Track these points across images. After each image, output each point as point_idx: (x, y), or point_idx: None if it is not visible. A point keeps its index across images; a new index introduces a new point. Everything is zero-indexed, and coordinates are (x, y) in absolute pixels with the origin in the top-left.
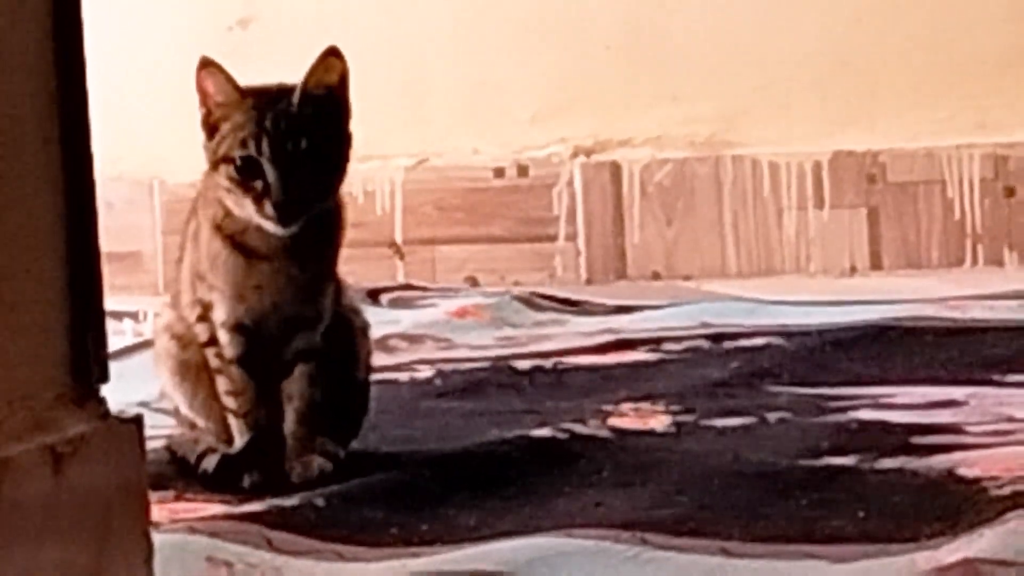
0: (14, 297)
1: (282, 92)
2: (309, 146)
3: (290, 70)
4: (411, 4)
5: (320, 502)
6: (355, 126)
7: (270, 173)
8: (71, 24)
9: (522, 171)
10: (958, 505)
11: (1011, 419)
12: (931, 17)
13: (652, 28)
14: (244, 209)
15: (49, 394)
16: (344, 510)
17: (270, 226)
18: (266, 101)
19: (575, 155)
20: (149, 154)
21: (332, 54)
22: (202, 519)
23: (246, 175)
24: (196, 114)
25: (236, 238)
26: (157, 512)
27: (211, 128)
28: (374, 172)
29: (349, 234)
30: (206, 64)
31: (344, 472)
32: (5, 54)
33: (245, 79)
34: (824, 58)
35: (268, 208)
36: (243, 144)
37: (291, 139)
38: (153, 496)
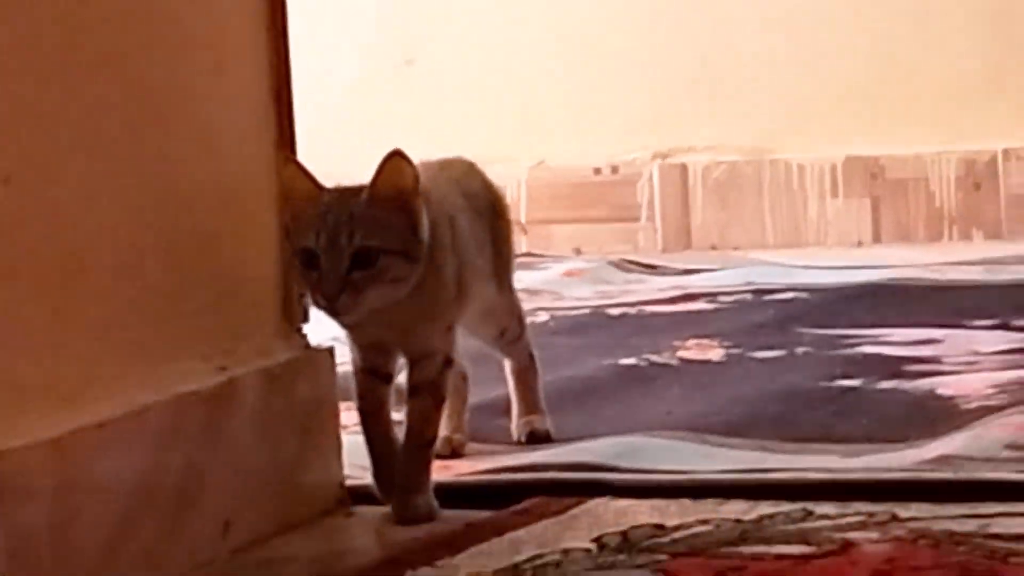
0: (241, 263)
1: (356, 191)
2: (363, 243)
3: (449, 103)
4: (537, 48)
5: (464, 414)
6: (505, 135)
7: (324, 265)
8: (286, 71)
9: (614, 170)
10: (936, 416)
11: (977, 353)
12: (919, 53)
13: (712, 63)
14: (308, 296)
15: (267, 330)
16: (482, 419)
17: (324, 315)
18: (338, 198)
19: (654, 158)
20: (338, 155)
21: (399, 155)
22: None
23: (307, 266)
24: (368, 131)
25: None
26: (345, 418)
27: (293, 219)
28: (506, 170)
29: None
30: (288, 161)
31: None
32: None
33: (410, 112)
34: (839, 86)
35: (320, 299)
36: (306, 236)
37: (347, 235)
38: (342, 406)
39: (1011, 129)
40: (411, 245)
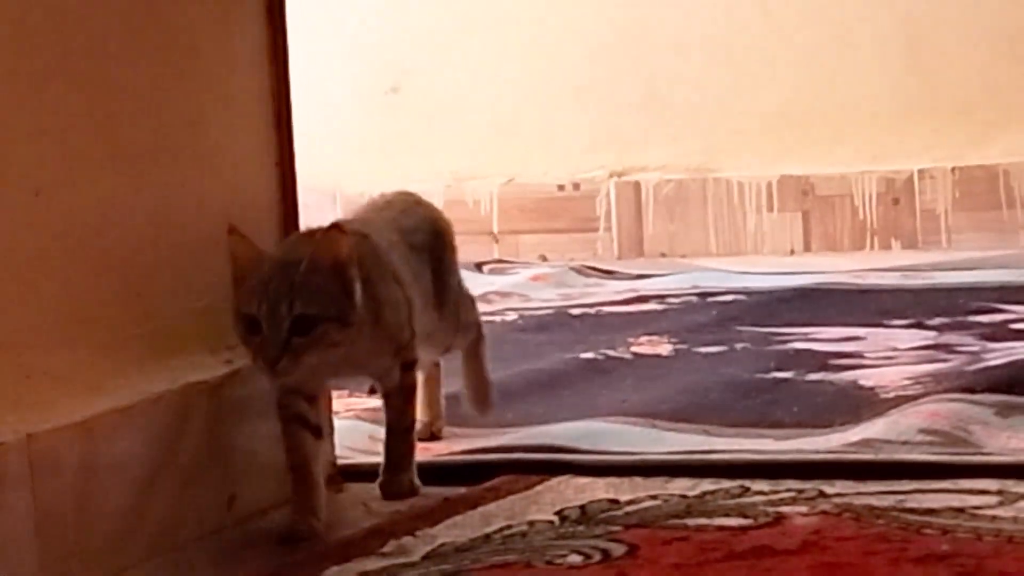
0: None
1: (295, 261)
2: (303, 311)
3: (430, 127)
4: (507, 80)
5: (442, 401)
6: (479, 155)
7: (265, 332)
8: (286, 100)
9: (576, 187)
10: (859, 404)
11: (895, 349)
12: (844, 83)
13: (661, 93)
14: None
15: None
16: (458, 406)
17: (265, 376)
18: (278, 267)
19: (610, 176)
20: (332, 173)
21: (336, 228)
22: (366, 410)
23: (249, 331)
24: (358, 152)
25: None
26: (336, 404)
27: (235, 283)
28: (479, 186)
29: (463, 225)
30: (232, 231)
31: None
32: (242, 113)
33: (396, 135)
34: (774, 113)
35: (259, 362)
36: (249, 303)
37: (287, 304)
38: (335, 394)
39: (925, 151)
40: (346, 311)
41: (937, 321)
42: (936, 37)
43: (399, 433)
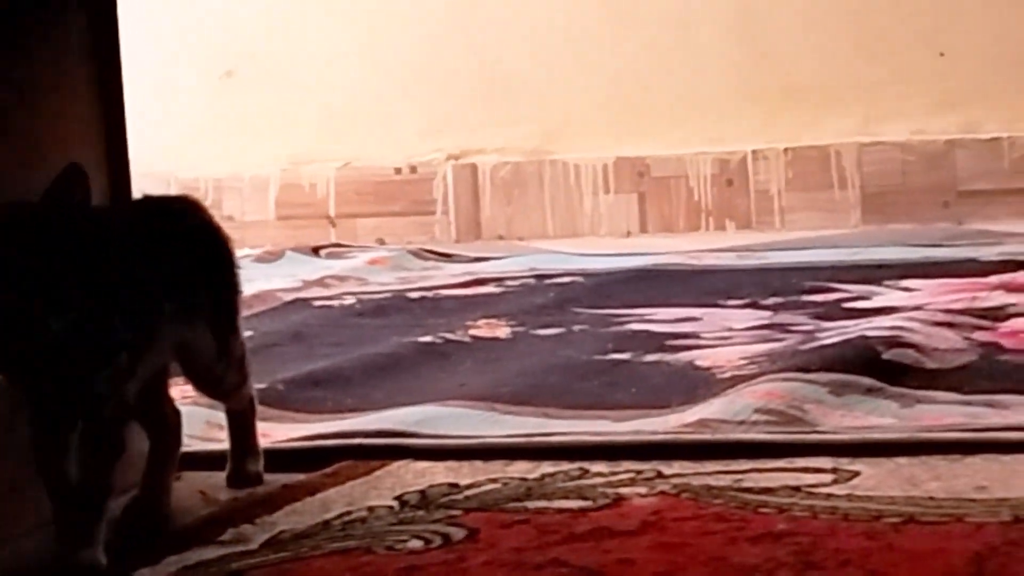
0: None
1: None
2: None
3: (266, 111)
4: (343, 63)
5: (280, 387)
6: (315, 139)
7: None
8: (117, 85)
9: (413, 170)
10: (696, 385)
11: (730, 329)
12: (678, 66)
13: (498, 75)
14: None
15: None
16: (296, 391)
17: None
18: None
19: (447, 159)
20: (168, 158)
21: None
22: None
23: None
24: (194, 137)
25: None
26: (174, 392)
27: None
28: (316, 170)
29: (300, 210)
30: None
31: None
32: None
33: (232, 119)
34: (609, 95)
35: None
36: None
37: None
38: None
39: (759, 132)
40: None
41: (772, 301)
42: (769, 21)
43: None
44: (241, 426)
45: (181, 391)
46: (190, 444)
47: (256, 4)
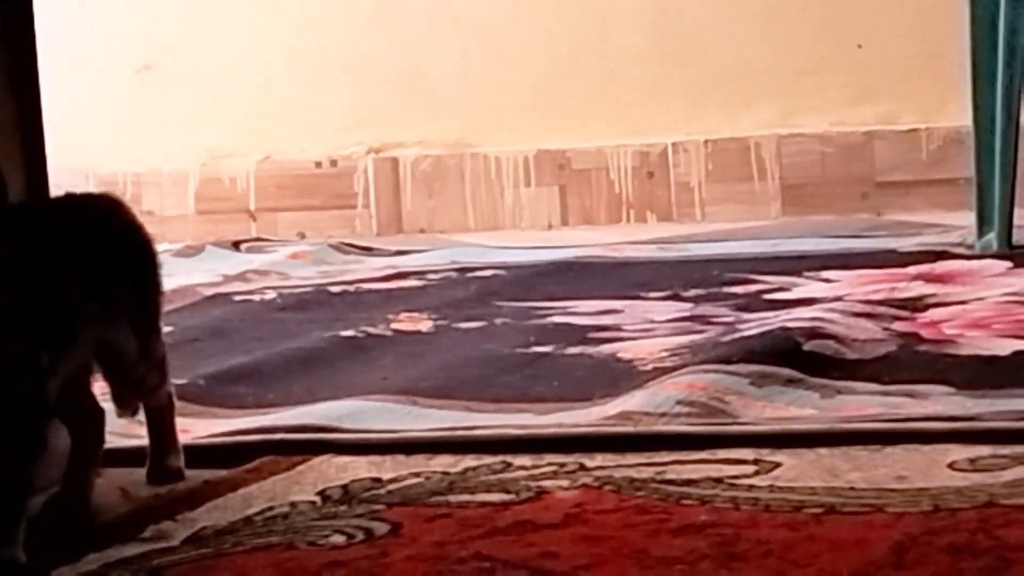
0: None
1: None
2: None
3: (185, 105)
4: (263, 57)
5: (201, 382)
6: (235, 133)
7: None
8: (33, 76)
9: (333, 163)
10: (618, 377)
11: (652, 321)
12: (598, 60)
13: (418, 69)
14: None
15: None
16: (216, 387)
17: None
18: None
19: (368, 152)
20: (86, 152)
21: None
22: None
23: None
24: (112, 132)
25: None
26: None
27: None
28: (236, 164)
29: (220, 204)
30: None
31: None
32: None
33: (150, 114)
34: (530, 88)
35: None
36: None
37: None
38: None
39: (678, 125)
40: None
41: (693, 293)
42: (688, 13)
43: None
44: (160, 422)
45: (102, 388)
46: (110, 440)
47: None
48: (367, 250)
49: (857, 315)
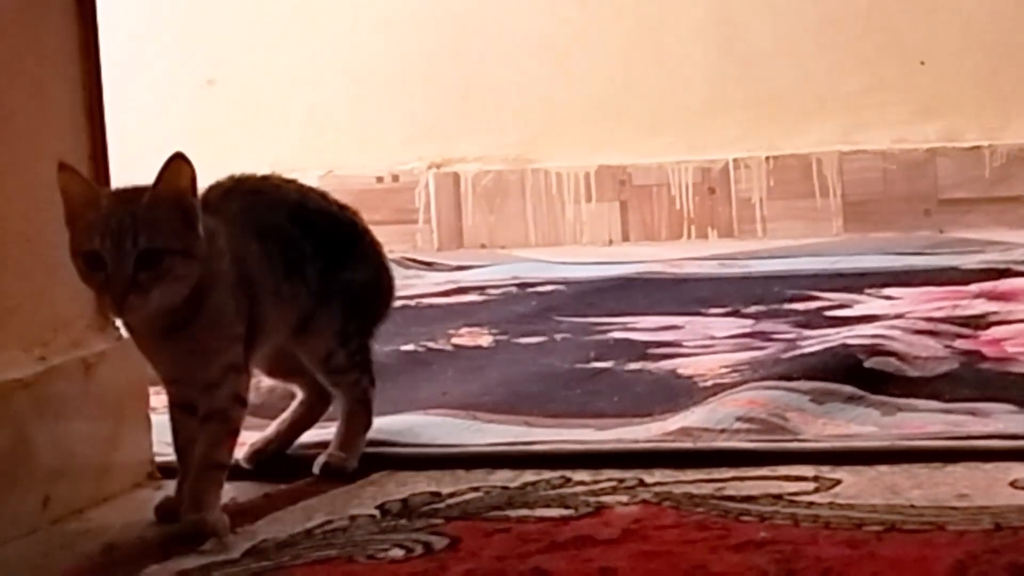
0: (58, 263)
1: (136, 193)
2: (148, 245)
3: (248, 120)
4: (325, 72)
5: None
6: (297, 148)
7: (110, 268)
8: (98, 91)
9: (395, 178)
10: (678, 393)
11: (712, 337)
12: (660, 76)
13: (480, 84)
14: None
15: (83, 323)
16: (276, 400)
17: (112, 315)
18: (119, 201)
19: (429, 168)
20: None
21: (179, 158)
22: None
23: (92, 268)
24: (174, 146)
25: None
26: (154, 400)
27: (71, 222)
28: (299, 179)
29: None
30: (63, 168)
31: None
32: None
33: (213, 129)
34: (591, 104)
35: (108, 300)
36: (90, 239)
37: (132, 238)
38: (152, 389)
39: (740, 140)
40: (191, 243)
41: (753, 309)
42: (749, 29)
43: (206, 469)
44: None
45: (162, 399)
46: (171, 453)
47: (238, 11)
48: (428, 265)
49: (919, 332)
